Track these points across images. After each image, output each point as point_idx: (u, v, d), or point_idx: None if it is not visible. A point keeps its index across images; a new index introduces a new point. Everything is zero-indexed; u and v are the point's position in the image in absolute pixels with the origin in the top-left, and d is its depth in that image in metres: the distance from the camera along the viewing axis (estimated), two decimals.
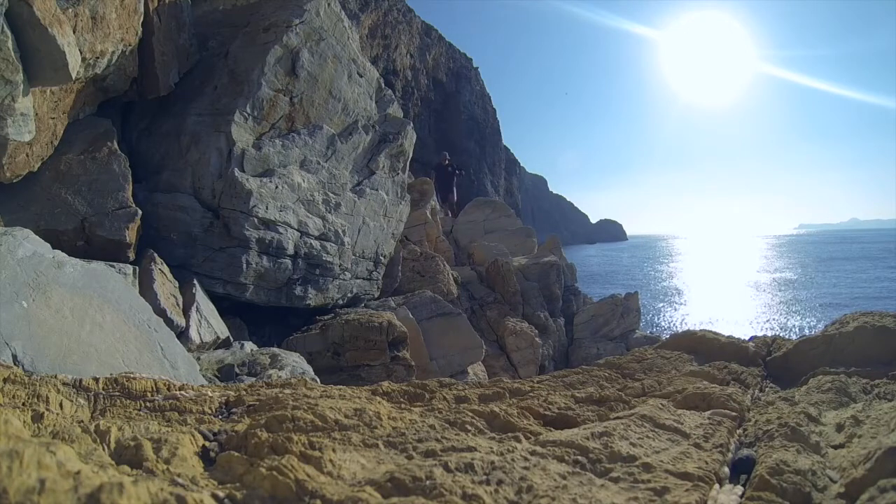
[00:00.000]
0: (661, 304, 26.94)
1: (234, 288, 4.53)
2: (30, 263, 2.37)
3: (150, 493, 0.41)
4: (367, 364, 4.63)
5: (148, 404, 0.92)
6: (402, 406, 1.01)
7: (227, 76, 4.86)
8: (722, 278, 38.28)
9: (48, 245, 2.64)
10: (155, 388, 0.98)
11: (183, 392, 0.98)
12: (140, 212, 3.92)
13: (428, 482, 0.55)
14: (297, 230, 5.01)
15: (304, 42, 5.18)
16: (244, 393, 1.05)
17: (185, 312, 3.71)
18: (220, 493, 0.50)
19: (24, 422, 0.69)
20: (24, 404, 0.80)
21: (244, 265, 4.49)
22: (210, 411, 0.93)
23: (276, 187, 4.77)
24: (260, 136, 4.84)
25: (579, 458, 0.69)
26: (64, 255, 2.65)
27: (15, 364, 1.93)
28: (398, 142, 6.56)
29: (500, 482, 0.58)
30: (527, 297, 8.73)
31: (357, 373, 4.53)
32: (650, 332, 10.99)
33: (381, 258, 6.61)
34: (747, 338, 1.92)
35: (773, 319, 22.07)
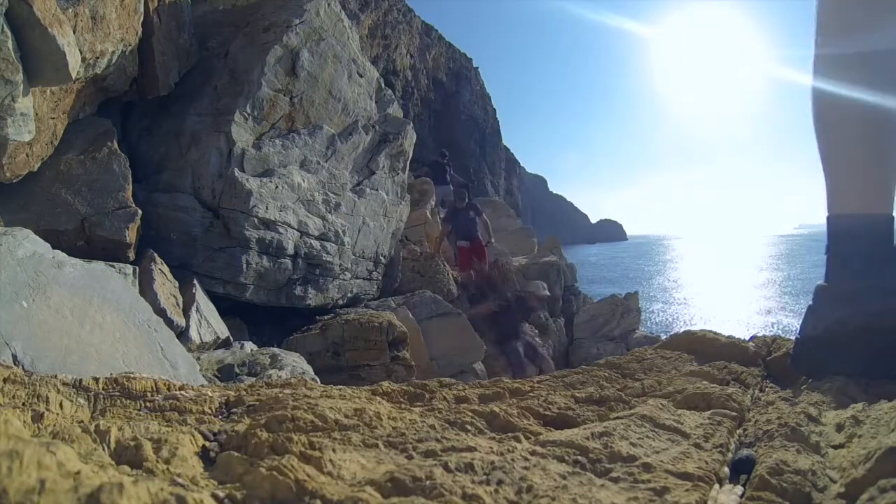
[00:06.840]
0: (661, 304, 26.94)
1: (234, 288, 4.53)
2: (30, 263, 2.36)
3: (150, 493, 0.41)
4: (367, 364, 4.62)
5: (148, 404, 0.92)
6: (402, 406, 1.01)
7: (227, 76, 4.86)
8: (722, 278, 38.28)
9: (48, 245, 2.64)
10: (155, 388, 0.98)
11: (183, 392, 0.97)
12: (140, 212, 3.92)
13: (428, 482, 0.55)
14: (297, 230, 5.01)
15: (304, 42, 5.18)
16: (244, 393, 1.05)
17: (185, 312, 3.71)
18: (220, 493, 0.50)
19: (24, 422, 0.69)
20: (24, 404, 0.80)
21: (244, 265, 4.49)
22: (210, 411, 0.93)
23: (276, 187, 4.77)
24: (260, 136, 4.84)
25: (579, 458, 0.69)
26: (64, 255, 2.65)
27: (15, 364, 1.93)
28: (398, 142, 6.56)
29: (500, 482, 0.58)
30: None
31: (357, 373, 4.52)
32: (650, 332, 10.98)
33: (381, 258, 6.61)
34: (747, 338, 1.92)
35: (774, 319, 22.06)
